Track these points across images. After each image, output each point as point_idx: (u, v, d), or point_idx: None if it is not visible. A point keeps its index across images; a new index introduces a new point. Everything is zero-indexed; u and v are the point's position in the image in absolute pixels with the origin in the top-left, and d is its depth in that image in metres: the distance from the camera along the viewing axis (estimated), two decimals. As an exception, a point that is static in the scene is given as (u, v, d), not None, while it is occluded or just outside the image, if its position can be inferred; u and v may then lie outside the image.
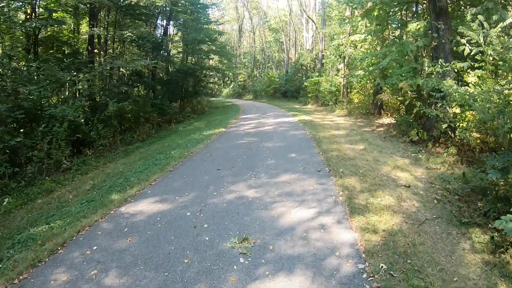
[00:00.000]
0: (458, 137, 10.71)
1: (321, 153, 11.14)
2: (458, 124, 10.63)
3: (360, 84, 23.60)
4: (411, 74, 13.56)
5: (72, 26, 24.74)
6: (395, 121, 16.56)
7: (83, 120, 16.45)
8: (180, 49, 34.55)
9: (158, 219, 6.46)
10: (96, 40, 22.66)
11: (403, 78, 13.49)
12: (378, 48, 17.73)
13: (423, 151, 11.41)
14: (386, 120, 18.27)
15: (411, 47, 13.58)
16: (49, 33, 22.24)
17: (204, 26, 33.07)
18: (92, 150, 15.72)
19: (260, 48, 61.79)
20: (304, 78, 36.83)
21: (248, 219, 6.24)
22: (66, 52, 22.38)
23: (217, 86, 65.63)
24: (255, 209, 6.69)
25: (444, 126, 10.63)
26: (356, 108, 22.70)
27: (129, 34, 20.51)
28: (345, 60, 25.92)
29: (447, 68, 11.35)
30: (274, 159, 10.51)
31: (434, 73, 11.73)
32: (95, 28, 20.09)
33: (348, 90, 26.07)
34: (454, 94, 9.89)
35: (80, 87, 17.72)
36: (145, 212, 6.83)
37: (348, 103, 24.40)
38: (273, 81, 44.57)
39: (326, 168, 9.32)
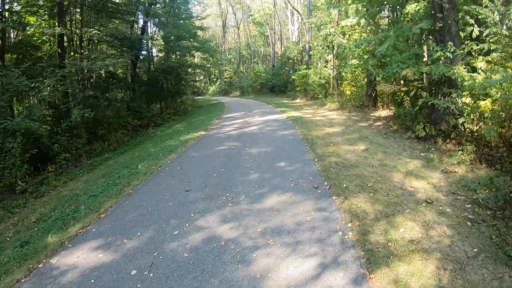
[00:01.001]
0: (475, 131, 9.59)
1: (316, 159, 9.11)
2: (472, 116, 9.53)
3: (352, 75, 21.70)
4: (413, 61, 11.80)
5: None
6: (393, 114, 14.97)
7: (45, 131, 14.26)
8: (162, 47, 32.22)
9: (92, 281, 4.43)
10: (67, 42, 20.53)
11: (404, 65, 11.67)
12: (372, 35, 15.62)
13: (432, 149, 9.94)
14: (383, 112, 16.58)
15: (414, 30, 11.60)
16: (20, 37, 19.99)
17: (186, 21, 30.85)
18: (55, 165, 13.56)
19: (246, 43, 59.53)
20: (291, 72, 34.87)
21: (216, 283, 4.11)
22: (35, 57, 19.94)
23: (203, 84, 63.43)
24: (229, 262, 4.60)
25: (461, 120, 8.88)
26: (348, 100, 20.85)
27: (95, 31, 18.16)
28: (334, 50, 23.83)
29: (460, 51, 9.65)
30: (259, 171, 8.43)
31: (442, 58, 10.24)
32: (57, 28, 17.72)
33: (339, 82, 24.15)
34: (469, 81, 8.82)
35: (45, 93, 15.43)
36: (79, 267, 4.83)
37: (339, 95, 22.54)
38: (260, 76, 42.43)
39: (325, 183, 7.25)
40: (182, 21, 30.05)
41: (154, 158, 11.18)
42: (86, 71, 18.59)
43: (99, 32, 18.70)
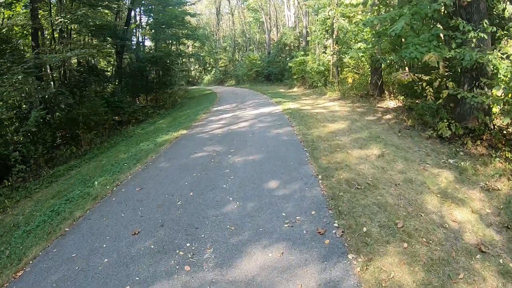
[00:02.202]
0: None
1: (320, 175, 6.71)
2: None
3: (355, 61, 19.26)
4: (434, 44, 9.56)
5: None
6: (403, 105, 13.33)
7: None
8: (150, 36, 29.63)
9: None
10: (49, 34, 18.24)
11: (423, 49, 9.42)
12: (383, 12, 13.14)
13: (461, 153, 8.17)
14: (390, 103, 14.48)
15: (435, 6, 9.27)
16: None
17: (176, 7, 28.16)
18: (13, 178, 11.33)
19: (241, 30, 56.81)
20: (288, 59, 32.42)
21: None
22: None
23: (197, 73, 60.81)
24: None
25: (507, 121, 6.77)
26: (350, 89, 18.64)
27: (61, 19, 15.56)
28: (334, 35, 21.30)
29: (505, 32, 7.62)
30: (240, 197, 6.03)
31: (474, 41, 8.59)
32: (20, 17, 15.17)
33: (339, 69, 21.67)
34: (505, 70, 7.53)
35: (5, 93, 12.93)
36: None
37: (340, 83, 20.33)
38: (255, 64, 39.86)
39: (335, 223, 4.84)
40: (171, 7, 27.33)
41: (117, 170, 8.86)
42: (51, 65, 16.03)
43: (75, 21, 15.95)
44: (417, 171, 6.90)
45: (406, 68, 13.03)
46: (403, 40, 11.22)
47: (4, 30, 17.67)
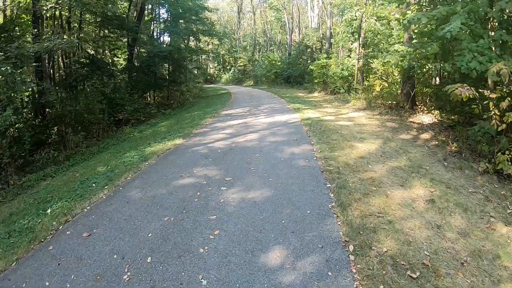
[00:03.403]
0: None
1: (350, 246, 4.23)
2: None
3: (384, 67, 16.74)
4: (497, 52, 7.73)
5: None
6: (438, 121, 11.43)
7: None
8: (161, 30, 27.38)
9: None
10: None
11: (483, 58, 7.48)
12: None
13: None
14: (425, 118, 12.33)
15: (501, 3, 7.00)
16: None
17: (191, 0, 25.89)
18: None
19: (262, 30, 54.33)
20: (309, 61, 29.96)
21: None
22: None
23: (216, 71, 58.70)
24: None
25: None
26: (376, 97, 16.16)
27: (52, 5, 13.38)
28: (361, 37, 18.82)
29: None
30: (217, 285, 3.55)
31: None
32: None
33: (364, 75, 19.05)
34: None
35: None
36: None
37: (365, 91, 17.80)
38: (274, 65, 37.35)
39: None
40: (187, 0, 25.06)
41: (81, 192, 6.70)
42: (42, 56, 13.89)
43: (72, 6, 13.75)
44: (482, 231, 4.62)
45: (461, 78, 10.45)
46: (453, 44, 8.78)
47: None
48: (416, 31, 9.85)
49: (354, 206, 5.20)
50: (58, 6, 14.04)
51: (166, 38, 30.05)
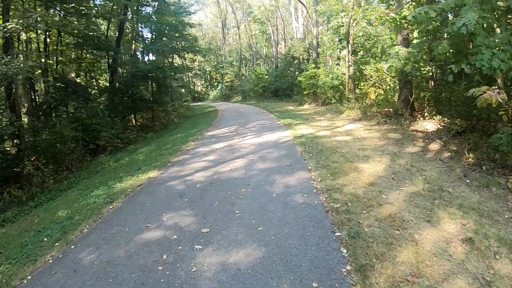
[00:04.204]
0: None
1: None
2: None
3: (378, 74, 15.40)
4: None
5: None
6: (441, 127, 10.40)
7: None
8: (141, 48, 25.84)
9: None
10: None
11: (503, 55, 6.39)
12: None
13: None
14: (427, 125, 11.08)
15: None
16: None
17: (174, 17, 24.52)
18: None
19: (247, 44, 52.99)
20: (297, 73, 28.62)
21: None
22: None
23: (203, 89, 57.29)
24: None
25: None
26: (371, 106, 14.91)
27: (13, 25, 11.94)
28: (349, 44, 17.49)
29: None
30: None
31: None
32: None
33: (356, 82, 17.66)
34: None
35: None
36: None
37: (358, 100, 16.56)
38: (262, 78, 35.94)
39: None
40: (166, 17, 23.62)
41: (26, 252, 5.15)
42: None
43: (16, 26, 12.18)
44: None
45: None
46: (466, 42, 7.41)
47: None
48: (419, 29, 8.38)
49: (377, 269, 3.66)
50: (19, 27, 12.50)
51: (152, 58, 28.71)
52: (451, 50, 7.50)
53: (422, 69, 10.49)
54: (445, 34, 7.59)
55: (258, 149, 9.82)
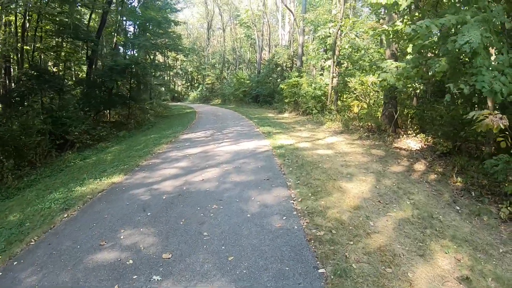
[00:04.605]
0: None
1: None
2: None
3: (363, 87, 14.97)
4: None
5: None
6: (425, 145, 10.10)
7: None
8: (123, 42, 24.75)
9: None
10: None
11: (504, 78, 5.96)
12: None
13: None
14: (410, 142, 10.68)
15: None
16: None
17: (158, 13, 23.60)
18: None
19: (231, 47, 52.23)
20: (279, 80, 27.97)
21: None
22: None
23: (184, 89, 56.18)
24: None
25: None
26: (353, 119, 14.50)
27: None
28: (335, 55, 17.00)
29: None
30: None
31: None
32: None
33: (339, 94, 17.18)
34: None
35: None
36: None
37: (340, 112, 16.15)
38: (243, 83, 35.21)
39: None
40: (153, 12, 22.68)
41: None
42: None
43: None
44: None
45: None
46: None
47: None
48: (415, 44, 7.83)
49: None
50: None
51: (135, 53, 27.62)
52: (449, 69, 6.97)
53: (409, 85, 10.04)
54: (441, 52, 7.05)
55: (234, 158, 9.10)
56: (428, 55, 8.46)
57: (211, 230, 4.78)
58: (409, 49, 8.63)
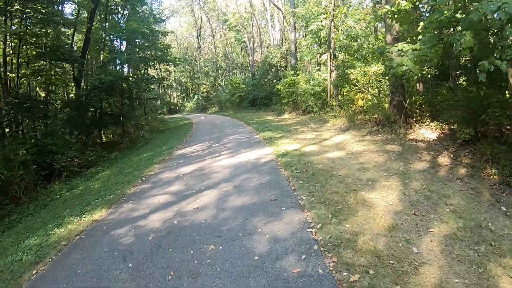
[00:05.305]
0: None
1: None
2: None
3: (365, 78, 13.82)
4: None
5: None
6: (441, 133, 8.92)
7: None
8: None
9: None
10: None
11: None
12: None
13: None
14: (426, 132, 9.40)
15: None
16: None
17: (146, 23, 22.53)
18: None
19: (223, 53, 51.04)
20: (275, 81, 26.79)
21: None
22: None
23: (179, 100, 55.02)
24: None
25: None
26: (358, 113, 13.32)
27: None
28: (331, 48, 15.83)
29: None
30: None
31: None
32: None
33: (338, 88, 15.91)
34: None
35: None
36: None
37: (342, 107, 14.99)
38: (238, 88, 33.97)
39: None
40: (136, 24, 21.51)
41: None
42: None
43: None
44: None
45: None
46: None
47: None
48: (430, 20, 6.56)
49: None
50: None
51: (125, 69, 26.46)
52: (476, 44, 5.74)
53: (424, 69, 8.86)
54: (463, 25, 5.81)
55: (233, 174, 7.82)
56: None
57: (208, 286, 3.54)
58: (420, 29, 7.41)
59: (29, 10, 14.36)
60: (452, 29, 6.87)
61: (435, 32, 6.95)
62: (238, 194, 6.36)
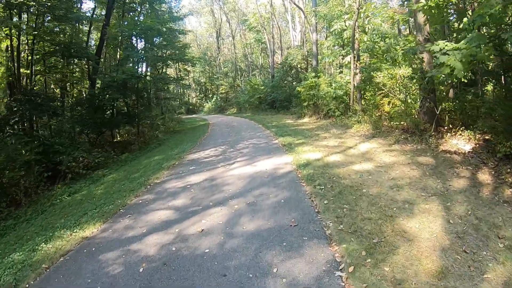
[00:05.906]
0: None
1: None
2: None
3: (392, 81, 12.78)
4: None
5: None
6: (477, 145, 7.84)
7: None
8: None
9: None
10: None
11: None
12: None
13: None
14: (459, 143, 8.29)
15: None
16: None
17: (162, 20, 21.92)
18: None
19: (242, 54, 50.23)
20: (295, 83, 25.77)
21: None
22: None
23: (198, 100, 54.47)
24: None
25: None
26: (383, 119, 12.32)
27: None
28: (355, 50, 14.85)
29: None
30: None
31: None
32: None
33: (362, 92, 14.80)
34: None
35: None
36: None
37: (365, 112, 13.91)
38: (257, 89, 33.00)
39: None
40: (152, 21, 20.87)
41: None
42: None
43: None
44: None
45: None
46: None
47: None
48: (479, 13, 5.47)
49: None
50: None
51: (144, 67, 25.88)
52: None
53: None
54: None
55: (247, 188, 6.84)
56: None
57: None
58: (462, 25, 6.34)
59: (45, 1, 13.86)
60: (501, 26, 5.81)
61: (483, 29, 5.89)
62: (252, 214, 5.36)
